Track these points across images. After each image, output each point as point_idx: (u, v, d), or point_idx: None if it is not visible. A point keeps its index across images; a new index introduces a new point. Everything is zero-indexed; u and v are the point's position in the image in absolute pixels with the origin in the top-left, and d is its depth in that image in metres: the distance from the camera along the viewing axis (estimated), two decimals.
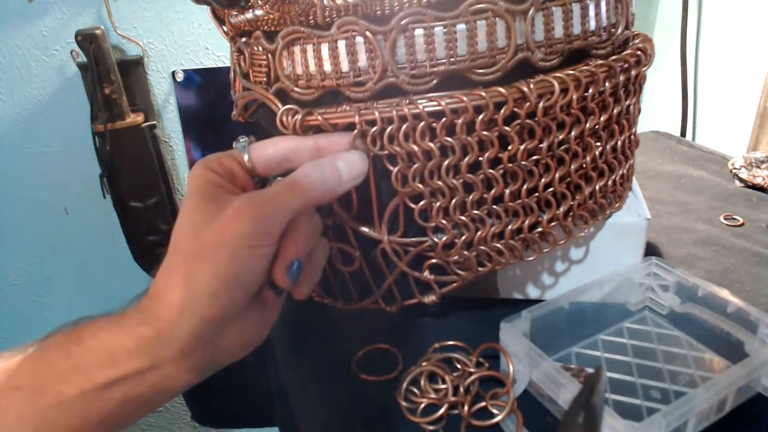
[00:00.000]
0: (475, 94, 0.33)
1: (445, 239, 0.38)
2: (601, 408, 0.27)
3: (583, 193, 0.40)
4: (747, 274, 0.49)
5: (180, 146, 1.14)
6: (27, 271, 1.19)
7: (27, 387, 0.27)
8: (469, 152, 0.35)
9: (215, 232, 0.29)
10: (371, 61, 0.33)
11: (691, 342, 0.42)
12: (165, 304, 0.29)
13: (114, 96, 1.01)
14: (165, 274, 0.30)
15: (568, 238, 0.41)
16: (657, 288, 0.44)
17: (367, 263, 0.41)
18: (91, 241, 1.17)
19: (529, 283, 0.46)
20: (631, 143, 0.44)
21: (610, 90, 0.37)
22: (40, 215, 1.14)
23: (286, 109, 0.36)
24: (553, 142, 0.36)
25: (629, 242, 0.45)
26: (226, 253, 0.29)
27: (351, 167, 0.33)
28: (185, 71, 1.08)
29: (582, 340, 0.43)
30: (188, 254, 0.30)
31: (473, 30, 0.32)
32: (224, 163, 0.34)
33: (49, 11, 1.00)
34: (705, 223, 0.59)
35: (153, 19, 1.04)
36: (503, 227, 0.38)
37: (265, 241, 0.30)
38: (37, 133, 1.08)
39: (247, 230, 0.29)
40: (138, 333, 0.28)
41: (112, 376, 0.28)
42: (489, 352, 0.40)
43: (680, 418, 0.31)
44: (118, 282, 1.19)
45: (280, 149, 0.34)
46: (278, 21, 0.35)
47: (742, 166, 0.69)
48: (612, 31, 0.37)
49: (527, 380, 0.37)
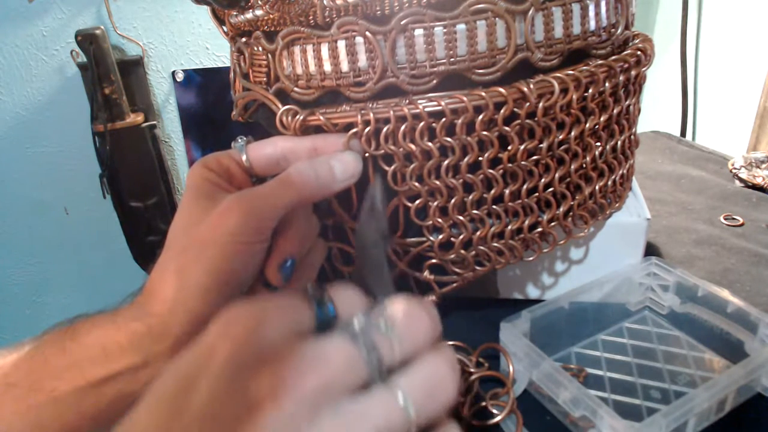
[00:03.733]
0: (475, 94, 0.33)
1: (441, 238, 0.38)
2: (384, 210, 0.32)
3: (583, 193, 0.40)
4: (747, 274, 0.49)
5: (180, 146, 1.14)
6: (27, 271, 1.19)
7: (22, 384, 0.27)
8: (469, 152, 0.35)
9: (206, 228, 0.29)
10: (371, 62, 0.33)
11: (691, 342, 0.42)
12: (158, 299, 0.29)
13: (114, 96, 1.01)
14: (159, 271, 0.30)
15: (568, 238, 0.41)
16: (657, 288, 0.44)
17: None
18: (91, 241, 1.17)
19: (529, 283, 0.46)
20: (631, 143, 0.44)
21: (610, 90, 0.37)
22: (40, 215, 1.14)
23: (286, 109, 0.36)
24: (553, 142, 0.36)
25: (629, 242, 0.45)
26: (216, 249, 0.29)
27: (345, 167, 0.33)
28: (185, 71, 1.08)
29: (582, 340, 0.43)
30: (181, 250, 0.30)
31: (473, 30, 0.32)
32: (222, 162, 0.34)
33: (49, 11, 1.00)
34: (705, 223, 0.59)
35: (153, 19, 1.04)
36: (503, 227, 0.38)
37: (255, 238, 0.30)
38: (37, 133, 1.08)
39: (236, 226, 0.29)
40: (131, 329, 0.29)
41: (105, 372, 0.28)
42: (489, 352, 0.40)
43: (680, 418, 0.31)
44: (117, 282, 1.19)
45: (277, 149, 0.35)
46: (278, 21, 0.35)
47: (742, 166, 0.69)
48: (612, 31, 0.37)
49: (527, 380, 0.37)
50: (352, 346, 0.21)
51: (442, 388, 0.21)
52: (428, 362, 0.22)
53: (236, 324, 0.20)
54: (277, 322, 0.21)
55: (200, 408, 0.18)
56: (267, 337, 0.20)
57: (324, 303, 0.23)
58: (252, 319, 0.20)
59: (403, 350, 0.22)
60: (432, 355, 0.22)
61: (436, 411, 0.21)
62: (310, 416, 0.19)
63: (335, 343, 0.21)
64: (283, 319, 0.21)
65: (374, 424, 0.19)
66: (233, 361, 0.19)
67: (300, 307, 0.22)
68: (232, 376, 0.19)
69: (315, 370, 0.19)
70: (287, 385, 0.19)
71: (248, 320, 0.20)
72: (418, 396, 0.20)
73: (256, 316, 0.20)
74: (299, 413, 0.19)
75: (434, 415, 0.21)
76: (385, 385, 0.21)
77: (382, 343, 0.21)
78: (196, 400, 0.19)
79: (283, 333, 0.21)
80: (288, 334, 0.21)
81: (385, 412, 0.20)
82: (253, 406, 0.18)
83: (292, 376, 0.19)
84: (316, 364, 0.19)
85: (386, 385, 0.21)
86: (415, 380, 0.21)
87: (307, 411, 0.19)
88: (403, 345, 0.22)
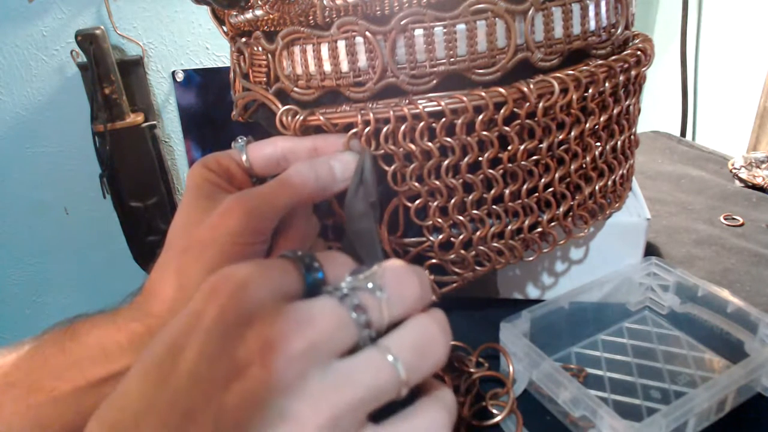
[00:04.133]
0: (475, 94, 0.33)
1: (441, 238, 0.38)
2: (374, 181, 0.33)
3: (583, 194, 0.40)
4: (747, 274, 0.49)
5: (180, 146, 1.14)
6: (27, 271, 1.19)
7: (22, 384, 0.27)
8: (469, 152, 0.35)
9: (206, 229, 0.29)
10: (371, 62, 0.33)
11: (691, 342, 0.42)
12: (157, 299, 0.29)
13: (114, 96, 1.01)
14: (159, 271, 0.30)
15: (568, 238, 0.41)
16: (657, 288, 0.44)
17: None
18: (91, 241, 1.17)
19: (529, 283, 0.46)
20: (631, 143, 0.44)
21: (610, 90, 0.37)
22: (40, 215, 1.14)
23: (286, 109, 0.36)
24: (552, 143, 0.36)
25: (629, 242, 0.45)
26: (217, 249, 0.29)
27: (345, 167, 0.33)
28: (185, 71, 1.08)
29: (582, 340, 0.43)
30: (181, 250, 0.30)
31: (473, 30, 0.32)
32: (222, 162, 0.34)
33: (49, 11, 1.00)
34: (705, 223, 0.59)
35: (153, 19, 1.04)
36: (503, 227, 0.38)
37: (255, 238, 0.30)
38: (37, 133, 1.08)
39: (237, 226, 0.29)
40: (131, 329, 0.29)
41: (105, 372, 0.28)
42: (489, 352, 0.40)
43: (680, 418, 0.31)
44: (117, 282, 1.19)
45: (277, 149, 0.35)
46: (278, 21, 0.35)
47: (742, 166, 0.69)
48: (612, 31, 0.37)
49: (527, 380, 0.37)
50: (340, 307, 0.20)
51: (432, 348, 0.21)
52: (418, 322, 0.22)
53: (223, 287, 0.20)
54: (264, 285, 0.20)
55: (188, 371, 0.18)
56: (254, 299, 0.20)
57: (313, 267, 0.22)
58: (239, 281, 0.20)
59: (392, 312, 0.21)
60: (421, 315, 0.22)
61: (426, 371, 0.21)
62: (299, 377, 0.19)
63: (323, 304, 0.20)
64: (270, 281, 0.21)
65: (363, 384, 0.19)
66: (220, 324, 0.19)
67: (288, 270, 0.22)
68: (220, 338, 0.19)
69: (303, 331, 0.19)
70: (275, 347, 0.19)
71: (235, 283, 0.20)
72: (407, 355, 0.20)
73: (243, 279, 0.20)
74: (287, 374, 0.18)
75: (425, 374, 0.21)
76: (374, 345, 0.21)
77: (371, 304, 0.21)
78: (184, 365, 0.18)
79: (270, 295, 0.20)
80: (276, 297, 0.20)
81: (375, 371, 0.20)
82: (241, 368, 0.18)
83: (279, 337, 0.19)
84: (303, 326, 0.19)
85: (375, 345, 0.21)
86: (405, 340, 0.21)
87: (296, 372, 0.19)
88: (391, 307, 0.21)
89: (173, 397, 0.18)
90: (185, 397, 0.18)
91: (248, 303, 0.20)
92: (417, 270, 0.23)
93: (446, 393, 0.22)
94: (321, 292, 0.22)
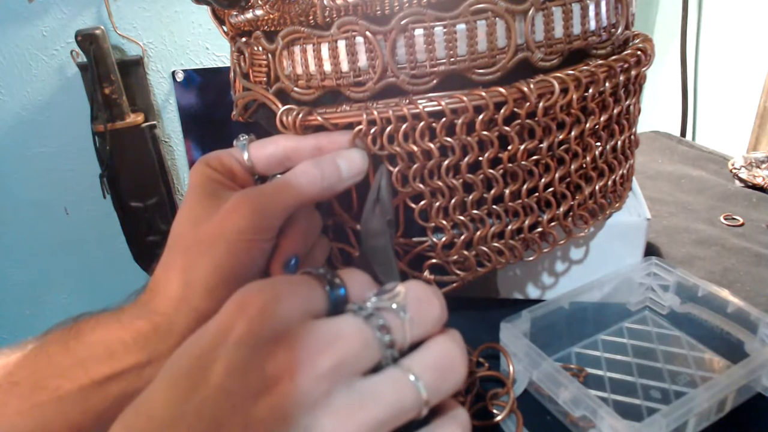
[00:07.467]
0: (475, 94, 0.33)
1: (444, 239, 0.38)
2: (389, 198, 0.33)
3: (583, 193, 0.40)
4: (747, 274, 0.49)
5: (180, 146, 1.14)
6: (27, 271, 1.19)
7: (26, 383, 0.27)
8: (469, 152, 0.35)
9: (213, 226, 0.29)
10: (371, 61, 0.33)
11: (691, 342, 0.42)
12: (163, 297, 0.29)
13: (114, 96, 1.01)
14: (163, 269, 0.30)
15: (568, 238, 0.41)
16: (657, 288, 0.44)
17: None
18: (91, 241, 1.17)
19: (529, 283, 0.46)
20: (631, 143, 0.44)
21: (610, 90, 0.37)
22: (40, 215, 1.14)
23: (286, 109, 0.36)
24: (553, 142, 0.36)
25: (629, 242, 0.45)
26: (224, 247, 0.29)
27: (351, 165, 0.33)
28: (185, 71, 1.08)
29: (582, 340, 0.43)
30: (186, 248, 0.30)
31: (473, 30, 0.32)
32: (224, 160, 0.34)
33: (49, 11, 1.00)
34: (705, 223, 0.59)
35: (153, 19, 1.04)
36: (503, 227, 0.38)
37: (262, 236, 0.30)
38: (37, 133, 1.08)
39: (244, 224, 0.29)
40: (136, 327, 0.29)
41: (109, 371, 0.28)
42: (489, 352, 0.40)
43: (680, 418, 0.31)
44: (118, 282, 1.19)
45: (280, 148, 0.35)
46: (278, 21, 0.35)
47: (742, 166, 0.69)
48: (612, 31, 0.37)
49: (527, 380, 0.37)
50: (366, 326, 0.21)
51: (452, 369, 0.22)
52: (438, 344, 0.22)
53: (252, 302, 0.20)
54: (291, 302, 0.21)
55: (217, 384, 0.19)
56: (282, 316, 0.20)
57: (335, 284, 0.23)
58: (267, 297, 0.20)
59: (414, 333, 0.22)
60: (442, 336, 0.23)
61: (446, 391, 0.21)
62: (325, 394, 0.19)
63: (349, 323, 0.21)
64: (297, 298, 0.21)
65: (387, 403, 0.19)
66: (249, 339, 0.19)
67: (313, 288, 0.22)
68: (249, 353, 0.19)
69: (330, 350, 0.19)
70: (303, 363, 0.19)
71: (264, 299, 0.20)
72: (429, 376, 0.21)
73: (272, 295, 0.20)
74: (314, 390, 0.19)
75: (445, 395, 0.21)
76: (396, 365, 0.21)
77: (395, 324, 0.21)
78: (213, 377, 0.19)
79: (297, 312, 0.21)
80: (302, 314, 0.21)
81: (398, 390, 0.20)
82: (270, 383, 0.19)
83: (307, 354, 0.19)
84: (331, 344, 0.20)
85: (398, 365, 0.21)
86: (427, 360, 0.21)
87: (322, 388, 0.19)
88: (414, 327, 0.22)
89: (202, 408, 0.18)
90: (214, 408, 0.18)
91: (277, 319, 0.20)
92: (436, 291, 0.23)
93: (461, 412, 0.22)
94: (344, 308, 0.22)
